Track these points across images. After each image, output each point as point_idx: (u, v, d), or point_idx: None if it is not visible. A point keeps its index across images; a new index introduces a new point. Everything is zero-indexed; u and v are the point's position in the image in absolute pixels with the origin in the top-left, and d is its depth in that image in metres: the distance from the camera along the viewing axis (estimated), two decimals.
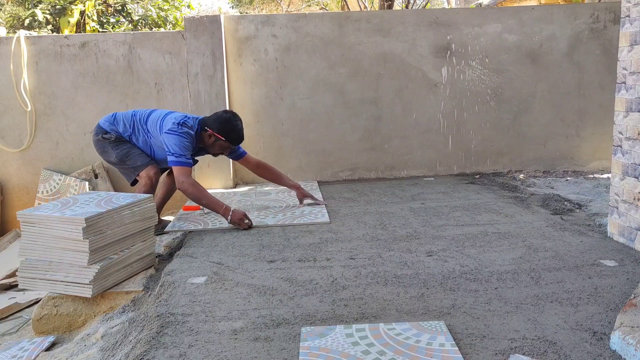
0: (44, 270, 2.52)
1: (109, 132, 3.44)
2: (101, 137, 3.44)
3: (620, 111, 2.80)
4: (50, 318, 2.55)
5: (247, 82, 4.71)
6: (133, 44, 4.69)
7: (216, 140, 3.36)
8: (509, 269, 2.48)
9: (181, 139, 3.25)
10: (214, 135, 3.34)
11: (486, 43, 4.77)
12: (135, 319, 2.25)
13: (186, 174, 3.24)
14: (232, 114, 3.40)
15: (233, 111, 3.51)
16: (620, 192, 2.82)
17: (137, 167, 3.40)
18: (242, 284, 2.42)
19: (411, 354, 1.75)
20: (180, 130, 3.25)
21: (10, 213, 4.81)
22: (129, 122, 3.45)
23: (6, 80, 4.68)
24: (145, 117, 3.45)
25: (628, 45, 2.72)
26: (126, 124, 3.44)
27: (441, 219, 3.39)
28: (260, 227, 3.34)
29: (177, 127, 3.25)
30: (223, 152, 3.49)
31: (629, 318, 1.82)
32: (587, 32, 4.79)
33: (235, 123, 3.37)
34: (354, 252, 2.81)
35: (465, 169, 4.92)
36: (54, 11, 8.46)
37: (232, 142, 3.40)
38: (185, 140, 3.26)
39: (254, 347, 1.86)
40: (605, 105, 4.80)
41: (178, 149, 3.23)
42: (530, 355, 1.73)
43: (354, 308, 2.14)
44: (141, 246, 2.76)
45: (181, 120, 3.29)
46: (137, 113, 3.49)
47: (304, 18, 4.73)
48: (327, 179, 4.85)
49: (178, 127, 3.25)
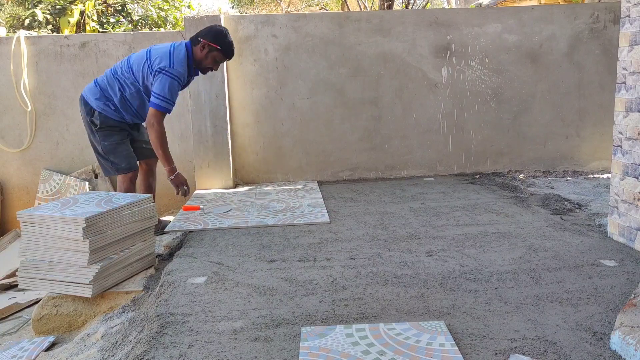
0: (44, 270, 2.52)
1: (96, 113, 3.27)
2: (90, 120, 3.31)
3: (620, 111, 2.80)
4: (50, 318, 2.55)
5: (247, 82, 4.71)
6: (133, 44, 4.69)
7: (210, 50, 3.26)
8: (509, 269, 2.48)
9: (173, 81, 3.16)
10: (208, 45, 3.24)
11: (486, 43, 4.77)
12: (135, 319, 2.25)
13: (160, 119, 3.20)
14: (224, 28, 3.36)
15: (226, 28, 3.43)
16: (620, 192, 2.82)
17: (120, 168, 3.34)
18: (242, 284, 2.42)
19: (411, 354, 1.75)
20: (174, 71, 3.16)
21: (10, 213, 4.82)
22: (115, 83, 3.29)
23: (6, 80, 4.68)
24: (128, 67, 3.27)
25: (628, 45, 2.72)
26: (113, 86, 3.28)
27: (441, 219, 3.39)
28: (260, 227, 3.34)
29: (170, 67, 3.15)
30: (213, 67, 3.36)
31: (629, 318, 1.82)
32: (587, 32, 4.79)
33: (228, 35, 3.32)
34: (354, 252, 2.81)
35: (465, 169, 4.93)
36: (54, 11, 8.46)
37: (225, 52, 3.31)
38: (177, 83, 3.19)
39: (254, 347, 1.86)
40: (605, 105, 4.79)
41: (167, 92, 3.14)
42: (530, 355, 1.73)
43: (354, 308, 2.14)
44: (141, 246, 2.76)
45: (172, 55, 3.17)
46: (116, 69, 3.32)
47: (304, 18, 4.73)
48: (327, 179, 4.85)
49: (171, 65, 3.15)
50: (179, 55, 3.20)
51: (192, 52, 3.27)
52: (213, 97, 4.52)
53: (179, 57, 3.20)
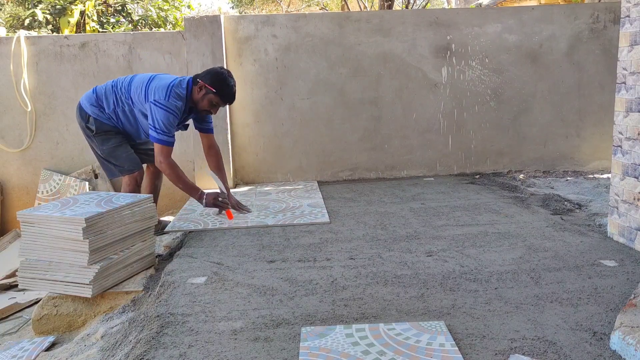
0: (44, 270, 2.52)
1: (91, 119, 3.27)
2: (85, 126, 3.32)
3: (620, 111, 2.80)
4: (50, 318, 2.55)
5: (247, 82, 4.71)
6: (133, 44, 4.69)
7: (207, 93, 3.19)
8: (509, 269, 2.48)
9: (167, 114, 3.10)
10: (205, 87, 3.18)
11: (486, 43, 4.77)
12: (135, 319, 2.25)
13: (166, 154, 3.16)
14: (226, 71, 3.29)
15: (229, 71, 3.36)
16: (620, 192, 2.82)
17: (124, 170, 3.33)
18: (242, 284, 2.42)
19: (411, 354, 1.75)
20: (168, 104, 3.10)
21: (10, 213, 4.82)
22: (111, 96, 3.27)
23: (6, 80, 4.68)
24: (127, 86, 3.26)
25: (628, 45, 2.72)
26: (108, 98, 3.27)
27: (441, 219, 3.39)
28: (260, 227, 3.34)
29: (165, 99, 3.10)
30: (211, 110, 3.29)
31: (629, 318, 1.82)
32: (587, 32, 4.79)
33: (229, 79, 3.24)
34: (354, 252, 2.81)
35: (465, 169, 4.93)
36: (54, 11, 8.46)
37: (222, 97, 3.24)
38: (172, 116, 3.12)
39: (254, 347, 1.86)
40: (605, 105, 4.80)
41: (162, 125, 3.09)
42: (530, 355, 1.73)
43: (354, 308, 2.14)
44: (141, 246, 2.76)
45: (170, 89, 3.13)
46: (117, 83, 3.31)
47: (304, 18, 4.73)
48: (327, 179, 4.85)
49: (166, 98, 3.10)
50: (177, 91, 3.16)
51: (191, 91, 3.23)
52: None
53: (177, 93, 3.15)
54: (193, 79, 3.24)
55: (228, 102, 3.32)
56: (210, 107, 3.27)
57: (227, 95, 3.26)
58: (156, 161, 3.20)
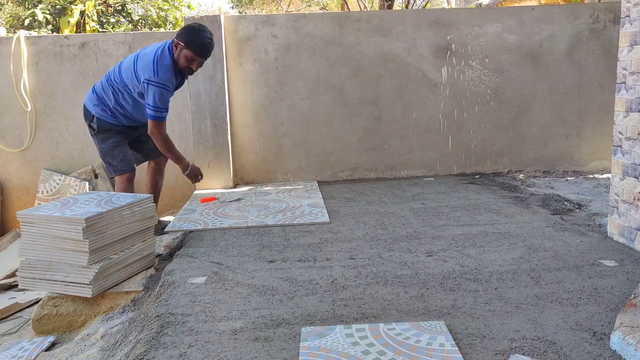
0: (44, 270, 2.52)
1: (95, 118, 3.32)
2: (89, 124, 3.40)
3: (620, 111, 2.80)
4: (50, 318, 2.55)
5: (247, 82, 4.71)
6: (133, 44, 4.69)
7: (181, 50, 3.16)
8: (509, 269, 2.48)
9: (161, 90, 3.14)
10: (179, 44, 3.17)
11: (486, 43, 4.77)
12: (135, 319, 2.25)
13: (160, 127, 3.24)
14: (200, 25, 3.23)
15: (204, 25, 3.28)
16: (620, 192, 2.82)
17: (117, 170, 3.36)
18: (242, 284, 2.42)
19: (411, 354, 1.75)
20: (159, 80, 3.12)
21: (10, 213, 4.81)
22: (109, 89, 3.31)
23: (6, 80, 4.68)
24: (119, 74, 3.28)
25: (628, 45, 2.72)
26: (107, 92, 3.31)
27: (441, 219, 3.39)
28: (260, 227, 3.34)
29: (155, 76, 3.11)
30: (190, 66, 3.23)
31: (629, 318, 1.82)
32: (587, 32, 4.79)
33: (200, 31, 3.17)
34: (354, 252, 2.81)
35: (465, 169, 4.92)
36: (54, 11, 8.46)
37: (194, 49, 3.15)
38: (165, 91, 3.16)
39: (254, 347, 1.86)
40: (605, 105, 4.79)
41: (158, 102, 3.14)
42: (530, 355, 1.73)
43: (354, 308, 2.14)
44: (141, 246, 2.76)
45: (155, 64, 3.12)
46: (110, 75, 3.33)
47: (304, 18, 4.73)
48: (327, 179, 4.85)
49: (155, 74, 3.11)
50: (162, 62, 3.15)
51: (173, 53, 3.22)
52: (213, 97, 4.52)
53: (162, 63, 3.15)
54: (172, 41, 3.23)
55: (202, 54, 3.21)
56: (188, 64, 3.20)
57: (199, 45, 3.15)
58: (150, 132, 3.25)
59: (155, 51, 3.19)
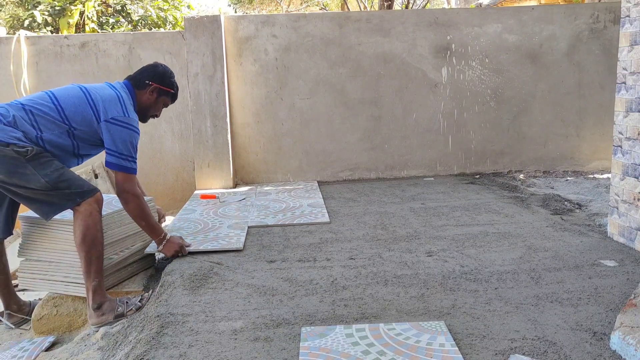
0: (44, 270, 2.52)
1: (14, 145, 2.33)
2: (12, 150, 2.32)
3: (620, 111, 2.80)
4: (50, 318, 2.55)
5: (247, 82, 4.71)
6: (133, 44, 4.69)
7: (160, 95, 2.76)
8: (509, 269, 2.48)
9: (131, 133, 2.53)
10: (159, 89, 2.73)
11: (486, 43, 4.77)
12: (135, 319, 2.25)
13: (132, 182, 2.54)
14: (165, 66, 2.86)
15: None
16: (620, 192, 2.82)
17: (84, 192, 2.43)
18: (242, 284, 2.42)
19: (411, 354, 1.75)
20: (130, 121, 2.54)
21: None
22: (29, 119, 2.42)
23: (6, 80, 4.68)
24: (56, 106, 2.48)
25: (628, 45, 2.72)
26: (25, 121, 2.41)
27: (441, 219, 3.39)
28: (260, 227, 3.34)
29: (124, 116, 2.52)
30: (157, 114, 2.87)
31: (629, 318, 1.82)
32: (587, 32, 4.79)
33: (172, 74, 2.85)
34: (354, 252, 2.81)
35: (465, 169, 4.93)
36: (54, 12, 8.46)
37: (174, 96, 2.86)
38: (136, 135, 2.57)
39: (254, 347, 1.86)
40: (605, 105, 4.80)
41: (126, 148, 2.51)
42: (530, 355, 1.73)
43: (354, 308, 2.14)
44: (141, 246, 2.76)
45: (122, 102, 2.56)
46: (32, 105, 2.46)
47: (304, 18, 4.73)
48: (327, 179, 4.85)
49: (125, 114, 2.53)
50: (128, 102, 2.62)
51: (135, 97, 2.71)
52: (213, 97, 4.52)
53: (128, 103, 2.62)
54: (135, 83, 2.72)
55: (175, 99, 2.93)
56: (163, 107, 2.87)
57: (176, 90, 2.87)
58: (119, 188, 2.52)
59: (113, 88, 2.63)
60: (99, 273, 2.39)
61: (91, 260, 2.37)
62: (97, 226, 2.39)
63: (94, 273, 2.37)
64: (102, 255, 2.42)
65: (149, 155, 4.78)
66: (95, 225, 2.39)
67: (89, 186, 2.47)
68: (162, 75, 2.77)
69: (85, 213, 2.38)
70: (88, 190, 2.44)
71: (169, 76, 2.81)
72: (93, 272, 2.37)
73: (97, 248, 2.39)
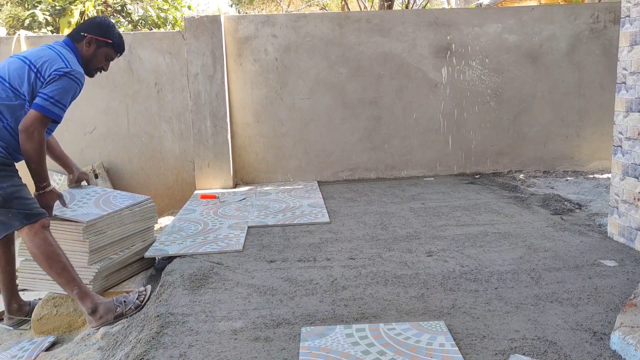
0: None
1: None
2: None
3: (620, 111, 2.80)
4: (50, 318, 2.55)
5: (247, 82, 4.71)
6: (133, 44, 4.68)
7: (99, 47, 2.60)
8: (509, 269, 2.48)
9: (72, 83, 2.41)
10: (96, 40, 2.58)
11: (486, 43, 4.77)
12: (135, 319, 2.25)
13: (44, 126, 2.35)
14: (107, 18, 2.76)
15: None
16: (620, 192, 2.82)
17: (32, 214, 2.32)
18: (242, 284, 2.42)
19: (411, 354, 1.75)
20: (74, 72, 2.42)
21: None
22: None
23: None
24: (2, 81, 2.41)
25: (628, 45, 2.72)
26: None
27: (441, 219, 3.39)
28: (260, 227, 3.34)
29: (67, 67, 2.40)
30: (104, 66, 2.72)
31: (629, 318, 1.82)
32: (587, 32, 4.79)
33: (114, 26, 2.71)
34: (354, 252, 2.81)
35: (465, 169, 4.92)
36: (54, 12, 8.46)
37: (117, 46, 2.69)
38: (77, 86, 2.46)
39: (254, 347, 1.86)
40: (605, 105, 4.80)
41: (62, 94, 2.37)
42: (530, 355, 1.73)
43: (354, 308, 2.14)
44: (141, 246, 2.76)
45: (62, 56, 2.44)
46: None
47: (304, 18, 4.73)
48: (327, 179, 4.85)
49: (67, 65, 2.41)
50: (69, 56, 2.49)
51: (76, 51, 2.58)
52: (213, 97, 4.52)
53: (70, 57, 2.49)
54: (72, 36, 2.60)
55: (121, 50, 2.76)
56: (106, 61, 2.71)
57: (120, 41, 2.72)
58: (26, 127, 2.30)
59: (49, 47, 2.52)
60: (72, 282, 2.33)
61: (58, 273, 2.31)
62: (47, 241, 2.31)
63: (68, 284, 2.32)
64: (67, 265, 2.33)
65: (149, 155, 4.78)
66: (45, 240, 2.31)
67: (37, 210, 2.36)
68: (98, 25, 2.63)
69: (30, 234, 2.31)
70: (36, 214, 2.34)
71: (106, 27, 2.64)
72: (65, 283, 2.33)
73: (57, 260, 2.31)
